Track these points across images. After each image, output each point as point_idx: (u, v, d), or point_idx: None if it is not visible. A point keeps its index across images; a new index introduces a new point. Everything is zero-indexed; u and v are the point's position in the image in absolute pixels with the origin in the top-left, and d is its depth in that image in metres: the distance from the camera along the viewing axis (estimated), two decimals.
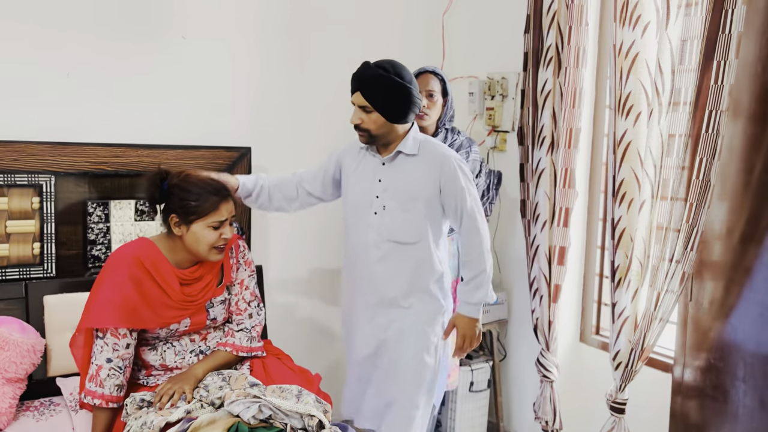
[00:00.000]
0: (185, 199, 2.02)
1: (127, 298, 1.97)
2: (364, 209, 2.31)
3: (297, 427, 1.81)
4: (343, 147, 2.45)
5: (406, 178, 2.27)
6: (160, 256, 2.06)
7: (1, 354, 2.08)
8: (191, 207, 2.01)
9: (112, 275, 2.00)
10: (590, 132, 2.88)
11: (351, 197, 2.36)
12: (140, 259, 2.02)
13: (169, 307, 2.04)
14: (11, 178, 2.37)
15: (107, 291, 1.98)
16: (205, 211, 2.02)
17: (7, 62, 2.41)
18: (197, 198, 2.02)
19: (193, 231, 2.03)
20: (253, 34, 2.91)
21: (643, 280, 2.42)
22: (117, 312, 1.96)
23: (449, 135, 2.76)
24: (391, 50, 3.29)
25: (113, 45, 2.60)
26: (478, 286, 2.32)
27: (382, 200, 2.28)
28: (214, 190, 2.06)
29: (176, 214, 2.03)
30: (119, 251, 2.06)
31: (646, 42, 2.32)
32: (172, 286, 2.04)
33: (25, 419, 2.10)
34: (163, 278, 2.03)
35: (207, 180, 2.08)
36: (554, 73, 2.71)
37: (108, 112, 2.61)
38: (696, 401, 2.42)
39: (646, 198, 2.37)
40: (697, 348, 2.40)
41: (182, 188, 2.03)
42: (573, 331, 2.98)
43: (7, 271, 2.39)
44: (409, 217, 2.27)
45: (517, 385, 3.11)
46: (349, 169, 2.38)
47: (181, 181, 2.05)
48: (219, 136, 2.80)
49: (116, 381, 1.97)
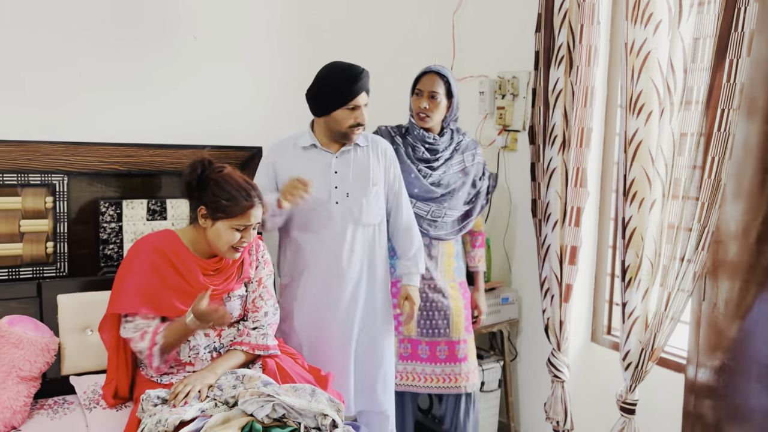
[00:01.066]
0: (218, 196, 2.05)
1: (148, 284, 2.04)
2: (322, 202, 2.44)
3: (310, 426, 1.82)
4: (269, 159, 2.50)
5: (362, 167, 2.48)
6: (182, 246, 2.11)
7: (16, 352, 2.10)
8: (221, 205, 2.05)
9: (134, 263, 2.06)
10: (602, 131, 2.87)
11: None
12: (161, 248, 2.08)
13: (190, 296, 2.07)
14: (25, 177, 2.38)
15: (133, 277, 2.04)
16: (233, 213, 2.05)
17: (20, 63, 2.43)
18: (229, 198, 2.05)
19: (217, 228, 2.07)
20: (265, 34, 2.92)
21: (654, 279, 2.41)
22: (137, 298, 2.03)
23: (455, 135, 2.74)
24: (401, 50, 3.31)
25: (125, 45, 2.61)
26: (419, 259, 2.59)
27: (342, 189, 2.44)
28: (248, 195, 2.07)
29: (206, 206, 2.07)
30: (141, 241, 2.12)
31: (658, 40, 2.31)
32: (194, 274, 2.09)
33: (39, 417, 2.12)
34: (186, 266, 2.08)
35: (243, 183, 2.10)
36: (566, 72, 2.70)
37: (120, 111, 2.62)
38: (709, 401, 2.41)
39: (657, 197, 2.37)
40: (711, 348, 2.39)
41: (218, 184, 2.06)
42: (584, 331, 2.98)
43: (20, 270, 2.40)
44: (372, 201, 2.49)
45: (528, 385, 3.11)
46: (291, 170, 2.41)
47: (218, 176, 2.08)
48: (230, 136, 2.81)
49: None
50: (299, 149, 2.48)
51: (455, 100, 2.67)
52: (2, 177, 2.34)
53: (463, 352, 2.70)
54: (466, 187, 2.75)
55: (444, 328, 2.69)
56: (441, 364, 2.70)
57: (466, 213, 2.78)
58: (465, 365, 2.71)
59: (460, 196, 2.72)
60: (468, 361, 2.72)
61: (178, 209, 2.66)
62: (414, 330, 2.71)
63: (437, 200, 2.68)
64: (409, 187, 2.64)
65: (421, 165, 2.69)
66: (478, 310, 2.87)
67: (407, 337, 2.71)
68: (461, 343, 2.70)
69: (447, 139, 2.71)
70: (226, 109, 2.85)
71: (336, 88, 2.36)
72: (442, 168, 2.70)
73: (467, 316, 2.74)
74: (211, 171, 2.10)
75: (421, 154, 2.69)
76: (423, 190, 2.66)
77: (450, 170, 2.71)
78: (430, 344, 2.71)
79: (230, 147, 2.75)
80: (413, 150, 2.69)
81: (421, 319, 2.69)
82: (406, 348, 2.72)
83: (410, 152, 2.69)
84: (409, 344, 2.72)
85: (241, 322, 2.25)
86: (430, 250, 2.70)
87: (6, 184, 2.36)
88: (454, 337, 2.69)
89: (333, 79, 2.38)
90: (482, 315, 2.87)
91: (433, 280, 2.69)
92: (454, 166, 2.72)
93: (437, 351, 2.70)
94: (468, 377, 2.72)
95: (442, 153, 2.70)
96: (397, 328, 2.70)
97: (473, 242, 2.89)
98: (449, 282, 2.72)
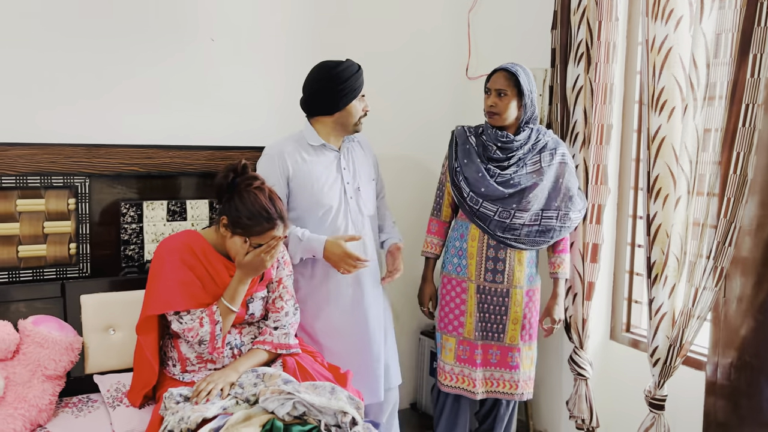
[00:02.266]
0: (240, 212, 2.04)
1: (187, 279, 2.07)
2: (338, 198, 2.51)
3: (330, 424, 1.82)
4: (277, 163, 2.46)
5: (360, 162, 2.62)
6: (207, 245, 2.14)
7: (42, 352, 2.13)
8: (241, 222, 2.05)
9: (168, 261, 2.08)
10: (620, 127, 2.85)
11: (320, 191, 2.47)
12: (190, 246, 2.10)
13: (215, 296, 2.11)
14: (48, 180, 2.41)
15: (170, 275, 2.06)
16: (251, 233, 2.06)
17: (41, 67, 2.46)
18: (250, 218, 2.04)
19: (234, 241, 2.08)
20: (281, 35, 2.94)
21: (680, 276, 2.39)
22: (183, 292, 2.06)
23: (534, 134, 2.60)
24: (416, 49, 3.31)
25: (144, 47, 2.64)
26: (396, 226, 2.80)
27: (353, 184, 2.56)
28: (269, 217, 2.05)
29: (227, 217, 2.07)
30: (168, 240, 2.14)
31: (679, 36, 2.30)
32: (221, 273, 2.11)
33: (64, 415, 2.15)
34: (213, 265, 2.11)
35: (267, 203, 2.07)
36: (585, 69, 2.69)
37: (140, 113, 2.65)
38: (730, 400, 2.38)
39: (682, 194, 2.35)
40: (730, 345, 2.37)
41: (242, 200, 2.05)
42: (603, 328, 2.96)
43: (44, 270, 2.43)
44: (371, 193, 2.64)
45: (547, 383, 3.09)
46: (302, 168, 2.47)
47: (245, 191, 2.07)
48: (249, 137, 2.83)
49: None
50: (309, 148, 2.50)
51: (528, 98, 2.54)
52: (26, 180, 2.38)
53: (515, 360, 2.63)
54: (540, 189, 2.56)
55: (499, 332, 2.62)
56: (491, 368, 2.65)
57: (546, 230, 2.58)
58: (517, 373, 2.64)
59: (531, 199, 2.54)
60: (520, 370, 2.64)
61: (197, 210, 2.69)
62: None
63: (504, 201, 2.55)
64: (476, 185, 2.57)
65: (490, 164, 2.60)
66: (551, 318, 2.70)
67: (467, 339, 2.66)
68: (514, 350, 2.63)
69: (524, 138, 2.58)
70: (244, 111, 2.87)
71: (348, 82, 2.43)
72: (512, 168, 2.58)
73: (530, 325, 2.65)
74: (241, 181, 2.09)
75: (492, 153, 2.60)
76: (489, 189, 2.55)
77: (522, 170, 2.57)
78: (483, 348, 2.65)
79: (248, 147, 2.76)
80: (484, 149, 2.62)
81: (479, 321, 2.64)
82: (465, 350, 2.66)
83: (481, 151, 2.63)
84: (468, 347, 2.66)
85: (262, 321, 2.27)
86: (497, 253, 2.61)
87: (30, 186, 2.39)
88: (507, 343, 2.63)
89: (343, 76, 2.43)
90: (555, 325, 2.70)
91: (495, 283, 2.61)
92: (528, 166, 2.58)
93: (489, 354, 2.65)
94: (518, 386, 2.65)
95: (515, 152, 2.58)
96: (457, 329, 2.66)
97: (555, 246, 2.69)
98: (515, 288, 2.61)
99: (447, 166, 2.71)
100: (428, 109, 3.39)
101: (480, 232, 2.62)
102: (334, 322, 2.52)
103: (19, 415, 1.99)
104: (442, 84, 3.42)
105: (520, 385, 2.66)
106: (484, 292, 2.62)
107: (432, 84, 3.39)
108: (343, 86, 2.43)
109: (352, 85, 2.44)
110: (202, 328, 2.06)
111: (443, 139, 2.89)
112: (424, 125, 3.38)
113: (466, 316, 2.66)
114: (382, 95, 3.08)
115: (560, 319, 2.70)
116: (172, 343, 2.17)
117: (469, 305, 2.65)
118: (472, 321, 2.65)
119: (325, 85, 2.44)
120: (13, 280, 2.38)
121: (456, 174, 2.64)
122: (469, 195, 2.59)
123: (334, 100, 2.44)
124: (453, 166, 2.66)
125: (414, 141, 3.37)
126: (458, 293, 2.67)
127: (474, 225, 2.62)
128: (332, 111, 2.47)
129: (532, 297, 2.66)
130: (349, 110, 2.47)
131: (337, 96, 2.44)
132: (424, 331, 3.43)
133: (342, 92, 2.43)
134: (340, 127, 2.50)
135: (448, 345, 2.69)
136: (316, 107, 2.48)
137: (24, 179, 2.37)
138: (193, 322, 2.07)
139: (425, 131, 3.38)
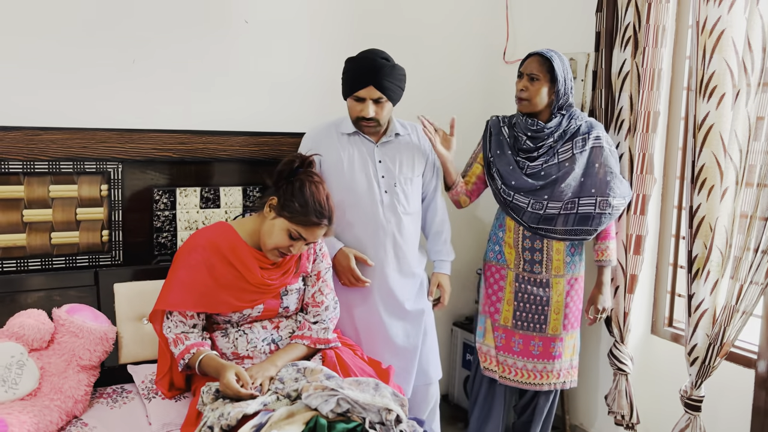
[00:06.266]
0: (295, 197, 2.02)
1: (199, 282, 2.01)
2: (370, 192, 2.41)
3: (374, 422, 1.77)
4: (309, 146, 2.45)
5: (404, 155, 2.47)
6: (238, 239, 2.07)
7: (76, 341, 2.09)
8: (292, 207, 2.02)
9: (186, 259, 2.04)
10: (666, 115, 2.75)
11: (350, 184, 2.40)
12: (216, 243, 2.04)
13: (246, 291, 2.05)
14: (81, 165, 2.37)
15: (179, 275, 2.03)
16: (298, 221, 2.02)
17: (75, 51, 2.41)
18: (303, 207, 2.01)
19: (275, 224, 2.04)
20: (316, 20, 2.86)
21: (724, 271, 2.30)
22: (186, 296, 2.01)
23: (565, 121, 2.50)
24: (452, 33, 3.21)
25: (178, 32, 2.57)
26: (448, 242, 2.63)
27: (389, 179, 2.43)
28: (321, 213, 2.03)
29: (278, 199, 2.04)
30: (195, 236, 2.09)
31: (733, 18, 2.20)
32: (251, 269, 2.04)
33: (99, 406, 2.11)
34: (242, 261, 2.04)
35: (323, 200, 2.05)
36: (632, 54, 2.59)
37: (173, 98, 2.59)
38: None
39: (730, 185, 2.25)
40: None
41: (302, 187, 2.03)
42: (644, 322, 2.88)
43: (77, 258, 2.40)
44: (414, 190, 2.50)
45: (584, 377, 3.02)
46: (334, 157, 2.42)
47: (308, 180, 2.05)
48: (284, 123, 2.76)
49: (196, 337, 2.05)
50: (342, 136, 2.45)
51: (561, 84, 2.44)
52: (59, 165, 2.33)
53: (558, 350, 2.57)
54: (573, 177, 2.46)
55: (540, 323, 2.56)
56: (533, 360, 2.59)
57: (585, 217, 2.46)
58: (558, 362, 2.58)
59: (564, 188, 2.45)
60: (562, 359, 2.59)
61: (231, 197, 2.63)
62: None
63: (536, 192, 2.48)
64: (507, 178, 2.52)
65: (520, 156, 2.53)
66: (595, 308, 2.62)
67: (503, 326, 2.61)
68: (557, 340, 2.57)
69: (554, 125, 2.48)
70: (279, 96, 2.80)
71: (347, 74, 2.35)
72: (542, 158, 2.50)
73: (572, 313, 2.59)
74: (304, 172, 2.08)
75: (522, 144, 2.53)
76: (520, 182, 2.49)
77: (553, 159, 2.49)
78: (523, 338, 2.58)
79: (283, 133, 2.70)
80: (515, 140, 2.56)
81: (516, 310, 2.58)
82: (500, 338, 2.62)
83: (512, 143, 2.56)
84: (503, 334, 2.61)
85: (300, 314, 2.21)
86: (533, 243, 2.54)
87: (63, 171, 2.35)
88: (549, 334, 2.57)
89: (348, 65, 2.36)
90: (599, 314, 2.63)
91: (533, 273, 2.55)
92: (559, 155, 2.49)
93: (531, 345, 2.58)
94: (560, 374, 2.59)
95: (545, 140, 2.50)
96: (493, 315, 2.63)
97: (599, 233, 2.58)
98: (555, 277, 2.55)
99: (482, 155, 2.65)
100: (463, 94, 3.29)
101: (515, 223, 2.55)
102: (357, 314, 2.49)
103: (56, 406, 1.96)
104: (478, 68, 3.31)
105: (562, 374, 2.61)
106: (523, 282, 2.57)
107: (468, 68, 3.29)
108: (343, 78, 2.36)
109: (347, 81, 2.35)
110: (174, 348, 2.03)
111: (478, 124, 2.80)
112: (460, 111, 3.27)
113: (502, 303, 2.61)
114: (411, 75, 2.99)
115: (605, 308, 2.62)
116: (207, 335, 2.13)
117: (506, 292, 2.60)
118: (510, 309, 2.59)
119: (343, 70, 2.39)
120: (47, 268, 2.35)
121: (490, 165, 2.60)
122: (501, 188, 2.55)
123: (342, 88, 2.41)
124: (487, 157, 2.61)
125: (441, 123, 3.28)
126: (496, 280, 2.63)
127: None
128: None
129: (574, 285, 2.59)
130: (347, 106, 2.40)
131: (343, 87, 2.39)
132: (456, 322, 3.37)
133: (343, 84, 2.38)
134: None
135: (489, 328, 2.66)
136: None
137: (57, 164, 2.33)
138: (169, 332, 2.04)
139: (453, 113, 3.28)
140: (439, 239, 2.62)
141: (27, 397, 1.95)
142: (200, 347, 2.01)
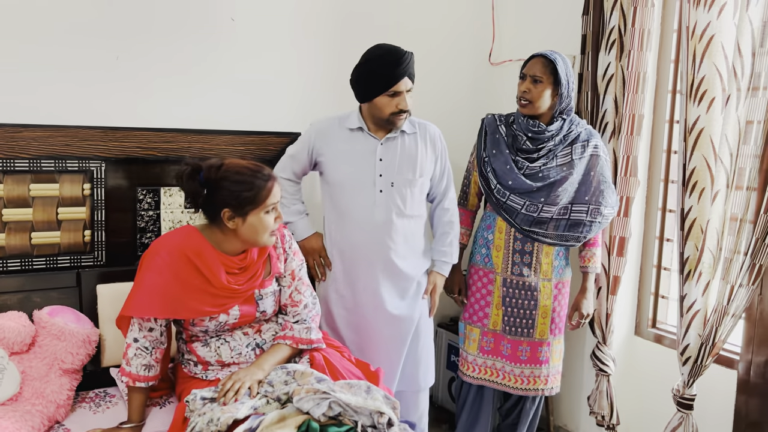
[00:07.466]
0: (238, 191, 1.90)
1: (160, 287, 1.91)
2: (366, 189, 2.38)
3: (366, 425, 1.75)
4: (311, 135, 2.44)
5: (409, 156, 2.41)
6: (205, 243, 1.97)
7: (58, 344, 2.04)
8: (247, 197, 1.90)
9: (149, 264, 1.93)
10: (651, 118, 2.77)
11: (346, 178, 2.39)
12: (181, 248, 1.94)
13: (212, 296, 1.95)
14: (62, 163, 2.31)
15: (148, 280, 1.92)
16: (261, 198, 1.92)
17: (57, 47, 2.35)
18: (251, 187, 1.91)
19: (251, 222, 1.93)
20: (303, 19, 2.83)
21: (715, 272, 2.32)
22: (151, 301, 1.91)
23: (566, 125, 2.49)
24: (438, 34, 3.21)
25: (163, 29, 2.53)
26: (455, 247, 2.56)
27: (387, 178, 2.38)
28: (263, 174, 1.94)
29: (230, 207, 1.92)
30: (160, 240, 1.99)
31: (722, 23, 2.22)
32: (216, 273, 1.94)
33: (81, 411, 2.06)
34: (208, 266, 1.94)
35: (252, 166, 1.95)
36: (617, 57, 2.61)
37: (158, 96, 2.55)
38: (763, 398, 2.33)
39: (720, 188, 2.28)
40: (765, 343, 2.31)
41: (232, 180, 1.90)
42: (628, 324, 2.90)
43: (58, 258, 2.34)
44: (416, 192, 2.43)
45: (568, 378, 3.03)
46: (335, 150, 2.41)
47: (227, 173, 1.92)
48: (271, 122, 2.73)
49: (143, 361, 1.94)
50: (346, 130, 2.42)
51: (565, 87, 2.42)
52: (40, 163, 2.27)
53: (545, 355, 2.57)
54: (570, 182, 2.46)
55: (528, 328, 2.56)
56: (521, 365, 2.59)
57: (575, 224, 2.48)
58: (546, 368, 2.58)
59: (560, 193, 2.45)
60: (549, 364, 2.59)
61: None
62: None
63: (532, 194, 2.46)
64: (504, 178, 2.50)
65: (519, 156, 2.51)
66: (579, 313, 2.63)
67: (491, 330, 2.61)
68: (544, 345, 2.57)
69: (556, 128, 2.47)
70: (265, 95, 2.77)
71: (376, 73, 2.29)
72: (542, 160, 2.48)
73: (559, 318, 2.59)
74: (210, 171, 1.92)
75: (521, 144, 2.50)
76: (517, 182, 2.47)
77: (552, 162, 2.48)
78: (512, 342, 2.58)
79: (269, 133, 2.67)
80: (514, 140, 2.53)
81: (505, 315, 2.57)
82: (489, 342, 2.61)
83: (510, 142, 2.53)
84: (492, 338, 2.61)
85: (281, 315, 2.17)
86: (523, 246, 2.54)
87: (44, 170, 2.29)
88: (537, 338, 2.57)
89: (373, 64, 2.30)
90: (582, 319, 2.63)
91: (522, 276, 2.55)
92: (558, 158, 2.48)
93: (518, 351, 2.58)
94: (547, 380, 2.60)
95: (546, 143, 2.48)
96: (482, 320, 2.62)
97: (588, 240, 2.59)
98: (543, 281, 2.55)
99: (475, 155, 2.63)
100: (449, 96, 3.29)
101: (507, 225, 2.54)
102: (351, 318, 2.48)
103: (37, 411, 1.90)
104: (463, 70, 3.32)
105: (550, 379, 2.61)
106: (511, 286, 2.56)
107: (453, 70, 3.29)
108: (371, 77, 2.30)
109: (380, 78, 2.27)
110: (125, 356, 1.96)
111: (463, 125, 2.80)
112: (445, 112, 3.28)
113: (491, 308, 2.60)
114: None
115: (588, 314, 2.63)
116: (186, 347, 2.07)
117: (494, 297, 2.59)
118: (498, 313, 2.59)
119: (356, 70, 2.35)
120: (26, 268, 2.29)
121: (484, 165, 2.56)
122: (496, 187, 2.52)
123: (361, 89, 2.36)
124: (481, 156, 2.58)
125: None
126: (484, 284, 2.62)
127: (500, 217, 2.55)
128: (362, 100, 2.38)
129: (561, 290, 2.59)
130: (376, 104, 2.33)
131: (363, 87, 2.34)
132: (441, 323, 3.36)
133: (368, 84, 2.31)
134: (373, 117, 2.38)
135: (472, 336, 2.65)
136: (354, 91, 2.40)
137: (38, 162, 2.27)
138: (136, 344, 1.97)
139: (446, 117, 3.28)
140: (444, 240, 2.56)
141: (8, 402, 1.89)
142: (138, 382, 1.94)
